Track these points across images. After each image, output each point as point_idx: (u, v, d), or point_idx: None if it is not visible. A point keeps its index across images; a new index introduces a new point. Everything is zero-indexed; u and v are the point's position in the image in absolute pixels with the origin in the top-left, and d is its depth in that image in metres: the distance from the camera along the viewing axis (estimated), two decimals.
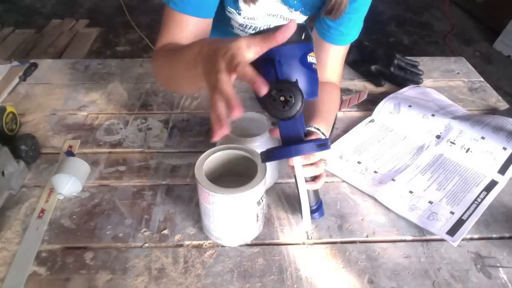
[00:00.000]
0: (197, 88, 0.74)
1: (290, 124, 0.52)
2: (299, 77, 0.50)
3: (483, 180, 0.69)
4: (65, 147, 0.74)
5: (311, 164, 0.56)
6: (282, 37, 0.44)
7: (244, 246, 0.58)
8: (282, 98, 0.47)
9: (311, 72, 0.53)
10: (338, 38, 0.72)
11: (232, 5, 0.73)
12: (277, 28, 0.46)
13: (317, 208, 0.60)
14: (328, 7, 0.67)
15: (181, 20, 0.66)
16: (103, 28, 2.76)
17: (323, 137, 0.59)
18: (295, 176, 0.60)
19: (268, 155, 0.53)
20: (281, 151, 0.52)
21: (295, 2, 0.71)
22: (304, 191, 0.54)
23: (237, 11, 0.74)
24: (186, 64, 0.56)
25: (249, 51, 0.44)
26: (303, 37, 0.51)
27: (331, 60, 0.75)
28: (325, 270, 0.55)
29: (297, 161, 0.53)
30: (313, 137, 0.55)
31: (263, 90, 0.43)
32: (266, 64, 0.49)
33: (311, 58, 0.52)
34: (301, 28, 0.52)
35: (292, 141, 0.52)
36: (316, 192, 0.59)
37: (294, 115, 0.48)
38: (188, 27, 0.66)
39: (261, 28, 0.79)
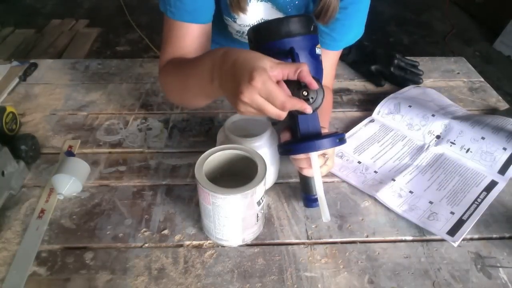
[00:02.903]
0: (210, 100, 0.75)
1: (309, 119, 0.52)
2: (311, 69, 0.51)
3: (483, 180, 0.68)
4: (65, 147, 0.74)
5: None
6: (305, 80, 0.47)
7: (244, 246, 0.58)
8: (305, 93, 0.48)
9: (319, 63, 0.54)
10: (330, 43, 0.72)
11: (227, 13, 0.73)
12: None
13: None
14: (316, 11, 0.66)
15: (181, 28, 0.66)
16: (103, 28, 2.76)
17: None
18: (299, 173, 0.60)
19: (288, 149, 0.54)
20: (303, 146, 0.53)
21: (289, 9, 0.71)
22: (321, 184, 0.55)
23: (232, 19, 0.74)
24: (199, 79, 0.57)
25: (273, 76, 0.46)
26: (311, 29, 0.52)
27: (324, 64, 0.75)
28: (325, 270, 0.55)
29: (315, 156, 0.54)
30: (325, 131, 0.56)
31: (309, 110, 0.47)
32: (279, 56, 0.49)
33: (318, 50, 0.53)
34: (309, 19, 0.53)
35: (311, 136, 0.53)
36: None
37: (316, 110, 0.49)
38: (188, 35, 0.67)
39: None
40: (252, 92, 0.44)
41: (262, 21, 0.74)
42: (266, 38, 0.51)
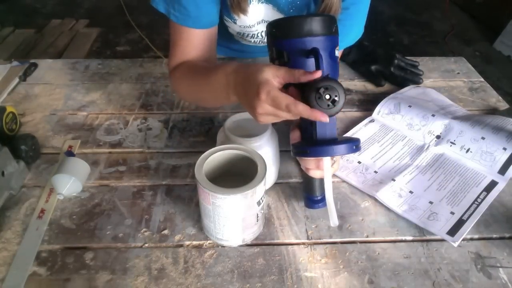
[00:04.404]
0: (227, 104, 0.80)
1: (328, 122, 0.52)
2: (330, 71, 0.51)
3: (483, 180, 0.68)
4: (65, 147, 0.74)
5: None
6: (306, 80, 0.47)
7: (244, 246, 0.58)
8: (327, 96, 0.47)
9: (337, 65, 0.53)
10: None
11: (227, 14, 0.73)
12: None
13: (323, 198, 0.60)
14: (318, 11, 0.66)
15: (186, 33, 0.67)
16: (103, 28, 2.76)
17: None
18: (304, 173, 0.60)
19: (304, 151, 0.53)
20: (321, 149, 0.52)
21: (290, 10, 0.71)
22: (331, 189, 0.55)
23: (233, 20, 0.74)
24: (216, 93, 0.60)
25: (276, 82, 0.48)
26: (333, 30, 0.52)
27: None
28: (325, 270, 0.55)
29: (328, 160, 0.54)
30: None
31: (325, 118, 0.47)
32: (297, 55, 0.49)
33: (337, 52, 0.53)
34: (332, 19, 0.52)
35: (328, 140, 0.53)
36: (322, 183, 0.59)
37: (336, 113, 0.49)
38: (194, 40, 0.68)
39: (260, 34, 0.78)
40: (261, 105, 0.48)
41: (264, 21, 0.74)
42: (287, 35, 0.50)
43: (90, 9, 3.03)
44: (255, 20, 0.73)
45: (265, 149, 0.60)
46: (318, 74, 0.47)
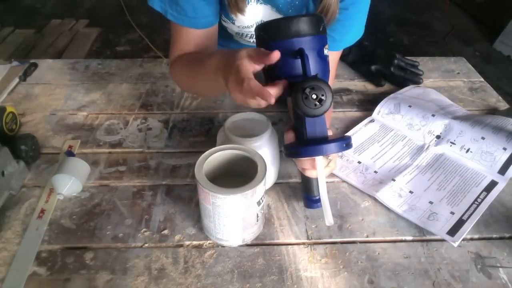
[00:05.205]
0: (220, 93, 0.84)
1: (317, 122, 0.52)
2: (318, 71, 0.51)
3: (483, 180, 0.68)
4: (65, 147, 0.74)
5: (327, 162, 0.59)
6: (263, 62, 0.48)
7: (244, 246, 0.58)
8: (314, 96, 0.47)
9: (326, 65, 0.53)
10: (330, 44, 0.71)
11: (225, 14, 0.73)
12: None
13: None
14: (316, 12, 0.65)
15: (184, 32, 0.67)
16: (103, 28, 2.76)
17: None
18: (301, 174, 0.60)
19: (295, 152, 0.54)
20: (311, 149, 0.52)
21: (289, 10, 0.71)
22: (325, 189, 0.55)
23: (231, 20, 0.73)
24: (208, 80, 0.61)
25: (251, 64, 0.49)
26: (321, 29, 0.52)
27: None
28: (325, 270, 0.55)
29: (320, 160, 0.54)
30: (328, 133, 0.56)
31: (272, 99, 0.46)
32: (286, 56, 0.49)
33: (326, 51, 0.53)
34: (319, 19, 0.52)
35: (318, 140, 0.53)
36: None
37: (324, 113, 0.48)
38: (193, 39, 0.68)
39: None
40: (231, 79, 0.49)
41: (263, 21, 0.74)
42: (274, 37, 0.51)
43: (90, 9, 3.03)
44: (253, 20, 0.73)
45: (265, 149, 0.60)
46: (276, 54, 0.47)
